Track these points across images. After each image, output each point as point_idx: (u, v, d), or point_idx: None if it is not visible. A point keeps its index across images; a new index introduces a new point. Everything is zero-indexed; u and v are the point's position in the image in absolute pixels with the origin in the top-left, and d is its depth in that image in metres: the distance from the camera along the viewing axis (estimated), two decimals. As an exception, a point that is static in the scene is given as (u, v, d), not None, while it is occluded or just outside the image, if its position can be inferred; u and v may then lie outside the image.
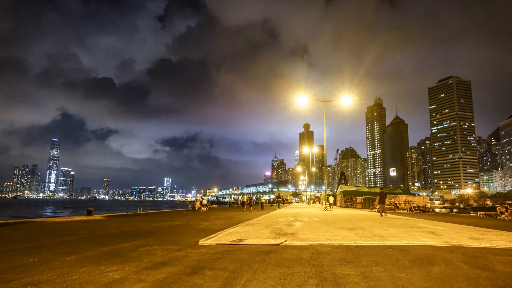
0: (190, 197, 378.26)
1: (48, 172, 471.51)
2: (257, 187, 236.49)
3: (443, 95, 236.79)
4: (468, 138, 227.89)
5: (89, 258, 5.01)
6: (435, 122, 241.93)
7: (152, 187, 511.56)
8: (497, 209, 24.04)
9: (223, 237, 7.45)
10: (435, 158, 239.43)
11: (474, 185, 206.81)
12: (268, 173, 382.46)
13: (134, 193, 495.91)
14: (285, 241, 6.81)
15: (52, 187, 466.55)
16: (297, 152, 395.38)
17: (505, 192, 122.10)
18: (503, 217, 20.07)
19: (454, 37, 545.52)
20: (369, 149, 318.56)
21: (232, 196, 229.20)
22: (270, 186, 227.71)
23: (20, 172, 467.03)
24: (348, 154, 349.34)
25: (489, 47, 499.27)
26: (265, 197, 67.94)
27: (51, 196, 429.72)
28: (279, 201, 41.77)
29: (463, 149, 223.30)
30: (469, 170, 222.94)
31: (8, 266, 4.50)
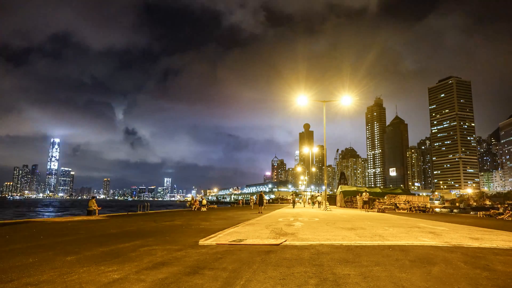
0: (190, 197, 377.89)
1: (48, 172, 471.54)
2: (257, 187, 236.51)
3: (443, 95, 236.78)
4: (468, 138, 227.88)
5: (89, 258, 5.01)
6: (435, 122, 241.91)
7: (152, 187, 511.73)
8: (498, 207, 24.05)
9: (223, 237, 7.45)
10: (435, 158, 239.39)
11: (474, 185, 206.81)
12: (268, 173, 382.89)
13: (134, 193, 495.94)
14: (285, 241, 6.81)
15: (52, 187, 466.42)
16: (297, 152, 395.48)
17: (505, 192, 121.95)
18: (504, 217, 20.07)
19: (454, 37, 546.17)
20: (369, 149, 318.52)
21: (232, 196, 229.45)
22: (270, 186, 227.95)
23: (20, 172, 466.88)
24: (348, 154, 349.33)
25: (489, 47, 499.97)
26: (265, 197, 67.58)
27: (51, 196, 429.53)
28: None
29: (463, 149, 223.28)
30: (469, 170, 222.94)
31: (8, 266, 4.49)
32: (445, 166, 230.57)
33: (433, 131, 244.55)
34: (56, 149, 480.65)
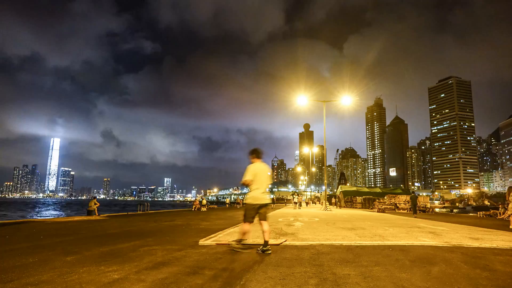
0: (190, 197, 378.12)
1: (48, 172, 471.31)
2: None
3: (443, 95, 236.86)
4: (468, 138, 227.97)
5: (89, 258, 5.01)
6: (435, 122, 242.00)
7: (152, 187, 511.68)
8: (499, 207, 24.05)
9: (223, 237, 7.45)
10: (435, 158, 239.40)
11: (474, 185, 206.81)
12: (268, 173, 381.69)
13: (134, 193, 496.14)
14: (285, 241, 6.81)
15: (52, 187, 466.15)
16: (297, 152, 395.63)
17: (505, 192, 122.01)
18: (504, 217, 20.06)
19: (454, 37, 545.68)
20: (369, 149, 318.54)
21: (232, 196, 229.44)
22: (270, 186, 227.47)
23: (20, 172, 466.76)
24: (348, 154, 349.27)
25: (489, 47, 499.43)
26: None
27: (51, 196, 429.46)
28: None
29: (463, 149, 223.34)
30: (469, 170, 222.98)
31: (8, 266, 4.49)
32: (445, 166, 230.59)
33: (433, 131, 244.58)
34: (56, 149, 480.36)
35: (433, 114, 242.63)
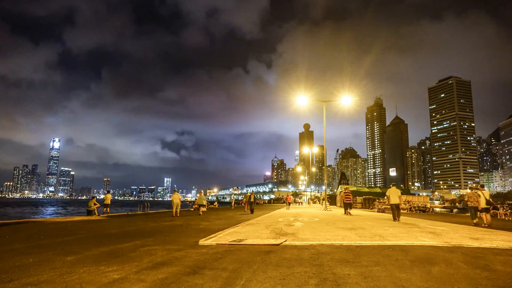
0: (190, 197, 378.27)
1: (48, 172, 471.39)
2: (257, 187, 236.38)
3: (443, 95, 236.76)
4: (468, 138, 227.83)
5: (89, 258, 5.02)
6: (435, 122, 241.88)
7: (152, 187, 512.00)
8: (498, 208, 24.01)
9: (223, 237, 7.45)
10: (435, 158, 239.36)
11: (474, 185, 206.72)
12: (268, 173, 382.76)
13: (134, 193, 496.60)
14: (285, 241, 6.81)
15: (52, 187, 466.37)
16: (297, 152, 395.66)
17: (505, 192, 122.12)
18: (504, 217, 20.06)
19: (454, 37, 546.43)
20: (369, 149, 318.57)
21: (232, 196, 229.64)
22: (270, 186, 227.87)
23: (20, 172, 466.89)
24: (348, 154, 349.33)
25: (489, 47, 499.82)
26: (265, 197, 67.45)
27: (51, 196, 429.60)
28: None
29: (463, 149, 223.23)
30: (469, 170, 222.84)
31: (8, 266, 4.50)
32: (445, 166, 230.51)
33: (433, 131, 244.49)
34: (57, 149, 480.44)
35: (433, 114, 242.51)
